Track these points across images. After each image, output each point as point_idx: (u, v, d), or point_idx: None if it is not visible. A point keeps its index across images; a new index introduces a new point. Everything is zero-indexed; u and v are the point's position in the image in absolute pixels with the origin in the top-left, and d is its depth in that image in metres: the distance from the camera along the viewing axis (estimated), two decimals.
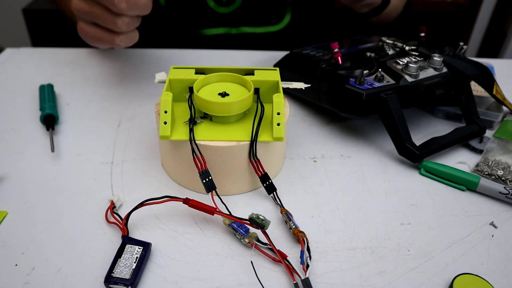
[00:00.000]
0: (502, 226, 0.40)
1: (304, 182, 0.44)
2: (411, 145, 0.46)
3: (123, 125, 0.53)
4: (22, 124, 0.52)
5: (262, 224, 0.34)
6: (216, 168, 0.40)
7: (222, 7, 0.76)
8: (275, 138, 0.40)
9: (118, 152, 0.48)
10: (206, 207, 0.36)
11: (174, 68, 0.45)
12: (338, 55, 0.51)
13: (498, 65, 0.67)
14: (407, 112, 0.53)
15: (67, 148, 0.48)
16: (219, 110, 0.40)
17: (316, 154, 0.48)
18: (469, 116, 0.51)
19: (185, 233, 0.38)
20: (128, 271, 0.33)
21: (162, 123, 0.39)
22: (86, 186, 0.43)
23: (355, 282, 0.34)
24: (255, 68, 0.45)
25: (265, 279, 0.34)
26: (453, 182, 0.44)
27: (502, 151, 0.47)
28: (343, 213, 0.41)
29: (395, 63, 0.49)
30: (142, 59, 0.69)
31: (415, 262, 0.36)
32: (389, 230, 0.39)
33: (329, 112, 0.56)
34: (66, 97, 0.58)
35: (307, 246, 0.36)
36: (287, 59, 0.60)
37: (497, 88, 0.51)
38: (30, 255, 0.36)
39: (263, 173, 0.40)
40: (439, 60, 0.49)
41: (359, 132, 0.53)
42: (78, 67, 0.66)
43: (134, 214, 0.39)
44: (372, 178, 0.45)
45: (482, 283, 0.33)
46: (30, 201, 0.41)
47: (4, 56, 0.70)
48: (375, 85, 0.46)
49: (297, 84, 0.45)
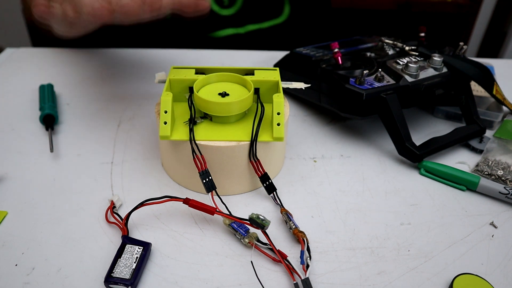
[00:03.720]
0: (502, 226, 0.40)
1: (304, 182, 0.44)
2: (411, 145, 0.46)
3: (123, 125, 0.53)
4: (22, 124, 0.52)
5: (262, 224, 0.34)
6: (216, 168, 0.40)
7: (224, 9, 0.76)
8: (275, 138, 0.40)
9: (118, 152, 0.48)
10: (206, 207, 0.36)
11: (174, 68, 0.45)
12: (338, 55, 0.51)
13: (498, 65, 0.67)
14: (407, 112, 0.53)
15: (67, 148, 0.48)
16: (219, 110, 0.40)
17: (316, 154, 0.48)
18: (469, 116, 0.51)
19: (185, 233, 0.38)
20: (128, 271, 0.33)
21: (162, 123, 0.39)
22: (86, 186, 0.43)
23: (355, 282, 0.34)
24: (255, 68, 0.45)
25: (265, 279, 0.34)
26: (453, 182, 0.44)
27: (502, 151, 0.47)
28: (343, 213, 0.41)
29: (395, 63, 0.49)
30: (142, 59, 0.69)
31: (415, 262, 0.36)
32: (389, 230, 0.39)
33: (329, 112, 0.56)
34: (66, 97, 0.58)
35: (307, 246, 0.36)
36: (287, 59, 0.60)
37: (497, 88, 0.51)
38: (30, 255, 0.36)
39: (263, 173, 0.40)
40: (439, 60, 0.49)
41: (359, 132, 0.53)
42: (78, 67, 0.66)
43: (134, 214, 0.39)
44: (372, 178, 0.45)
45: (482, 283, 0.33)
46: (30, 201, 0.41)
47: (4, 56, 0.70)
48: (375, 85, 0.46)
49: (297, 84, 0.45)
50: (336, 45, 0.51)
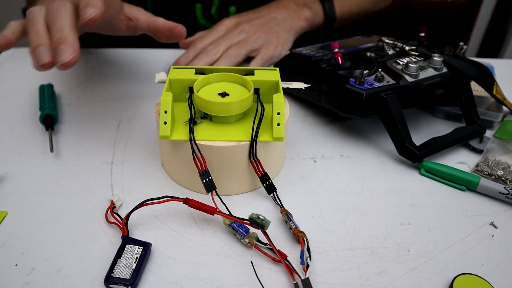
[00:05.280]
0: (502, 226, 0.40)
1: (304, 182, 0.44)
2: (411, 145, 0.46)
3: (123, 125, 0.53)
4: (22, 124, 0.52)
5: (262, 224, 0.34)
6: (216, 168, 0.40)
7: (212, 24, 0.75)
8: (275, 138, 0.40)
9: (118, 152, 0.48)
10: (206, 207, 0.36)
11: (174, 68, 0.45)
12: (338, 55, 0.51)
13: (498, 65, 0.67)
14: (407, 112, 0.53)
15: (67, 148, 0.48)
16: (219, 110, 0.40)
17: (316, 154, 0.48)
18: (469, 116, 0.51)
19: (185, 233, 0.38)
20: (128, 271, 0.33)
21: (162, 123, 0.39)
22: (86, 186, 0.43)
23: (355, 282, 0.34)
24: (255, 68, 0.45)
25: (265, 279, 0.34)
26: (453, 182, 0.44)
27: (502, 151, 0.47)
28: (343, 213, 0.41)
29: (395, 63, 0.49)
30: (142, 59, 0.69)
31: (415, 262, 0.36)
32: (389, 230, 0.39)
33: (329, 112, 0.56)
34: (66, 97, 0.58)
35: (307, 246, 0.36)
36: (287, 59, 0.60)
37: (497, 88, 0.51)
38: (30, 255, 0.36)
39: (263, 173, 0.40)
40: (439, 60, 0.49)
41: (359, 132, 0.53)
42: (78, 67, 0.66)
43: (134, 214, 0.39)
44: (372, 178, 0.45)
45: (482, 283, 0.33)
46: (30, 201, 0.41)
47: (4, 56, 0.70)
48: (375, 85, 0.46)
49: (297, 84, 0.45)
50: (336, 45, 0.51)
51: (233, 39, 0.63)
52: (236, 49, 0.61)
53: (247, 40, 0.63)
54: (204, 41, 0.63)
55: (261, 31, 0.64)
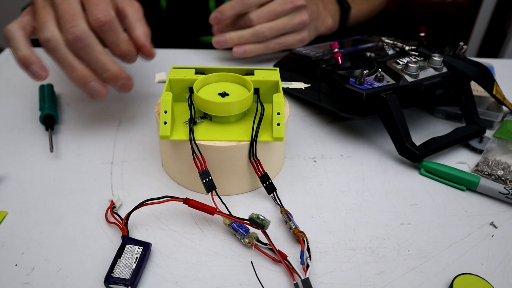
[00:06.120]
0: (502, 226, 0.40)
1: (304, 182, 0.44)
2: (411, 145, 0.46)
3: (123, 125, 0.53)
4: (22, 124, 0.52)
5: (262, 224, 0.34)
6: (216, 168, 0.40)
7: None
8: (275, 138, 0.40)
9: (118, 152, 0.48)
10: (206, 207, 0.36)
11: (174, 68, 0.45)
12: (338, 55, 0.51)
13: (498, 65, 0.67)
14: (407, 112, 0.53)
15: (67, 148, 0.48)
16: (219, 110, 0.40)
17: (316, 154, 0.48)
18: (469, 116, 0.51)
19: (185, 233, 0.38)
20: (128, 271, 0.33)
21: (162, 123, 0.39)
22: (86, 186, 0.43)
23: (355, 282, 0.34)
24: (255, 68, 0.45)
25: (265, 279, 0.34)
26: (453, 182, 0.44)
27: (502, 151, 0.47)
28: (343, 213, 0.41)
29: (395, 63, 0.49)
30: (142, 59, 0.68)
31: (415, 262, 0.36)
32: (389, 230, 0.39)
33: (329, 112, 0.56)
34: (66, 97, 0.58)
35: (307, 246, 0.36)
36: (287, 59, 0.60)
37: (497, 88, 0.51)
38: (30, 255, 0.36)
39: (263, 173, 0.40)
40: (439, 60, 0.49)
41: (359, 132, 0.53)
42: None
43: (134, 214, 0.39)
44: (372, 178, 0.45)
45: (482, 283, 0.33)
46: (30, 201, 0.41)
47: (4, 56, 0.70)
48: (375, 85, 0.46)
49: (297, 84, 0.45)
50: (336, 45, 0.51)
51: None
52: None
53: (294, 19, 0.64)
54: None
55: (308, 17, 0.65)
